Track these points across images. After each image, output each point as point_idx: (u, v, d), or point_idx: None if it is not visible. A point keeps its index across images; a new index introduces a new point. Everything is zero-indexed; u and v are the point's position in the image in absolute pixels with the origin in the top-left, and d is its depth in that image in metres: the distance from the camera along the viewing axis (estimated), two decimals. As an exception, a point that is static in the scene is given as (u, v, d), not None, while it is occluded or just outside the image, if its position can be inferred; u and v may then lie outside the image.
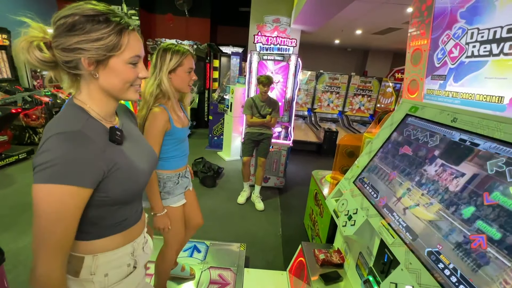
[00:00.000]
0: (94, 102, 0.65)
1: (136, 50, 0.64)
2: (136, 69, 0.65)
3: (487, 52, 0.89)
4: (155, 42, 5.84)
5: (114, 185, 0.64)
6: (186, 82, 1.20)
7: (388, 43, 6.83)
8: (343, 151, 2.10)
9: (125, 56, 0.62)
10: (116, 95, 0.66)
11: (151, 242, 0.97)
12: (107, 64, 0.61)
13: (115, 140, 0.66)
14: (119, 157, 0.66)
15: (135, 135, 0.79)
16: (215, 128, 4.92)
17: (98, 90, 0.64)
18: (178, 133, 1.23)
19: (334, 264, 1.50)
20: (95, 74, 0.62)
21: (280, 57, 3.51)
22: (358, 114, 6.61)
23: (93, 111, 0.65)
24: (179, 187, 1.33)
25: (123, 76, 0.63)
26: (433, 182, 0.96)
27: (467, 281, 0.69)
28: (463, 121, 0.98)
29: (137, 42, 0.64)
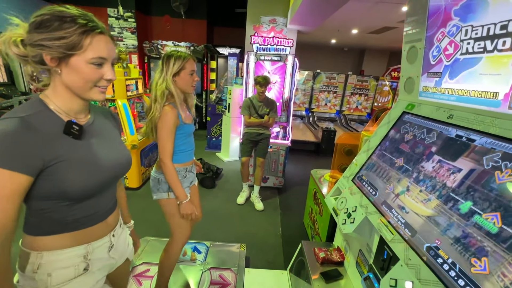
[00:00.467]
0: (57, 96, 0.68)
1: (100, 52, 0.66)
2: (99, 70, 0.68)
3: (481, 48, 0.90)
4: (151, 44, 5.84)
5: (61, 178, 0.65)
6: (189, 83, 1.32)
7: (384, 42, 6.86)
8: (341, 149, 2.11)
9: (87, 56, 0.64)
10: (78, 93, 0.69)
11: (130, 247, 0.97)
12: (68, 61, 0.64)
13: (69, 133, 0.67)
14: (70, 150, 0.67)
15: (108, 135, 0.81)
16: (213, 129, 4.92)
17: (61, 85, 0.67)
18: (186, 128, 1.35)
19: (334, 262, 1.51)
20: (57, 71, 0.65)
21: (277, 57, 3.52)
22: (355, 113, 6.64)
23: (54, 104, 0.68)
24: (186, 180, 1.42)
25: (83, 75, 0.66)
26: (431, 178, 0.97)
27: (466, 275, 0.69)
28: (459, 118, 0.99)
29: (103, 44, 0.67)
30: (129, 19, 5.70)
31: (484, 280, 0.65)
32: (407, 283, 0.82)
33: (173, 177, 1.29)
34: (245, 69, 3.56)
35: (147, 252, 1.91)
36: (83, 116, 0.75)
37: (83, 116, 0.75)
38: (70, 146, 0.67)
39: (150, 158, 3.43)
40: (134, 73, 3.23)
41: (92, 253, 0.77)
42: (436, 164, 0.98)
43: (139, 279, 1.69)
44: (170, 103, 1.28)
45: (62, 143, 0.66)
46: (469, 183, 0.82)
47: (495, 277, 0.64)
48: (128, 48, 5.81)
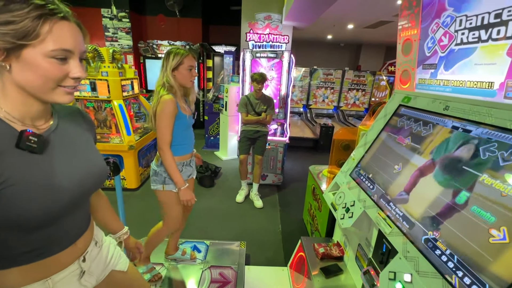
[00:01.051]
0: (7, 100, 0.54)
1: (63, 43, 0.52)
2: (64, 66, 0.54)
3: (475, 38, 0.89)
4: (146, 44, 5.80)
5: (10, 206, 0.50)
6: (188, 78, 1.37)
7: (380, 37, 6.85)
8: (339, 144, 2.11)
9: (46, 48, 0.50)
10: (36, 94, 0.54)
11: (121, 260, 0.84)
12: (20, 54, 0.50)
13: (25, 146, 0.53)
14: (23, 170, 0.53)
15: (76, 144, 0.66)
16: (211, 128, 4.90)
17: (12, 86, 0.53)
18: (184, 119, 1.38)
19: (334, 257, 1.51)
20: (6, 66, 0.50)
21: (273, 54, 3.50)
22: (353, 108, 6.64)
23: (3, 110, 0.53)
24: (183, 174, 1.44)
25: (42, 72, 0.52)
26: (428, 170, 0.96)
27: (464, 266, 0.69)
28: (455, 109, 0.98)
29: (67, 33, 0.53)
30: (123, 19, 5.64)
31: (483, 271, 0.65)
32: (406, 276, 0.82)
33: (171, 164, 1.33)
34: (241, 67, 3.54)
35: (147, 253, 1.91)
36: (42, 122, 0.60)
37: (42, 122, 0.60)
38: (23, 164, 0.53)
39: (148, 158, 3.41)
40: (129, 73, 3.20)
41: (59, 286, 0.63)
42: (432, 155, 0.98)
43: (139, 279, 1.68)
44: (169, 93, 1.32)
45: (12, 161, 0.51)
46: (466, 174, 0.82)
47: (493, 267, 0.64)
48: (123, 48, 5.76)
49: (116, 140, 3.01)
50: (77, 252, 0.68)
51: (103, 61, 2.87)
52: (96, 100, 3.02)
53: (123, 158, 2.96)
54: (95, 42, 5.48)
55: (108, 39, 5.75)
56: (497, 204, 0.70)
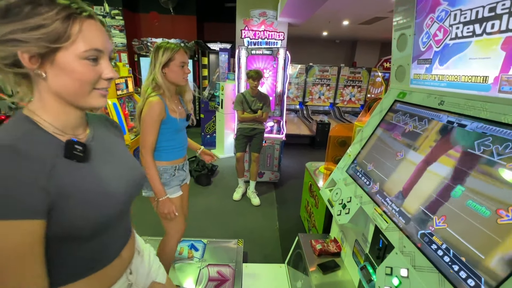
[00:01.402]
0: (46, 110, 0.52)
1: (94, 43, 0.51)
2: (96, 67, 0.52)
3: (470, 32, 0.89)
4: (141, 42, 5.73)
5: (68, 214, 0.50)
6: (180, 75, 1.25)
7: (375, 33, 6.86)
8: (335, 141, 2.11)
9: (78, 49, 0.49)
10: (73, 100, 0.53)
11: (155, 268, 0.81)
12: (54, 59, 0.48)
13: (73, 156, 0.52)
14: (78, 178, 0.52)
15: (115, 151, 0.66)
16: (207, 126, 4.88)
17: (50, 94, 0.51)
18: (173, 123, 1.28)
19: (331, 253, 1.51)
20: (41, 74, 0.48)
21: (268, 51, 3.48)
22: (349, 105, 6.66)
23: (45, 121, 0.52)
24: (175, 179, 1.36)
25: (77, 75, 0.50)
26: (423, 165, 0.96)
27: (460, 260, 0.69)
28: (450, 104, 0.98)
29: (95, 32, 0.51)
30: (117, 16, 5.56)
31: (478, 265, 0.66)
32: (403, 270, 0.82)
33: (152, 171, 1.23)
34: (237, 64, 3.52)
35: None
36: (81, 131, 0.59)
37: (81, 131, 0.59)
38: (75, 173, 0.52)
39: (143, 157, 3.39)
40: (123, 72, 3.16)
41: None
42: (427, 151, 0.98)
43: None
44: (157, 94, 1.22)
45: (64, 171, 0.50)
46: (461, 168, 0.82)
47: (488, 261, 0.64)
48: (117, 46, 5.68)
49: (111, 140, 2.97)
50: (124, 263, 0.66)
51: (96, 59, 2.82)
52: (90, 99, 2.98)
53: (119, 158, 2.93)
54: (88, 40, 5.39)
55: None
56: (492, 198, 0.70)
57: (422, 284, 0.74)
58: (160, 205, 1.27)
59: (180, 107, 1.34)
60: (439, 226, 0.79)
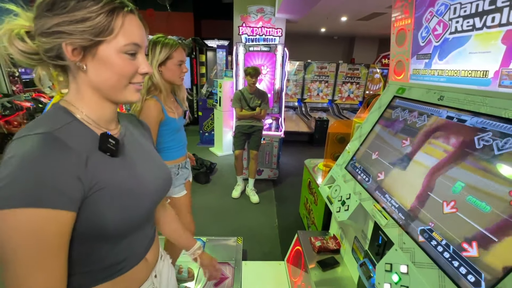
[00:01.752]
0: (83, 102, 0.53)
1: (134, 37, 0.51)
2: (134, 61, 0.53)
3: (470, 26, 0.88)
4: (137, 39, 5.67)
5: (101, 209, 0.48)
6: (177, 74, 1.21)
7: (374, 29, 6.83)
8: (334, 138, 2.10)
9: (119, 43, 0.50)
10: (110, 94, 0.53)
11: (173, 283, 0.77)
12: (96, 52, 0.49)
13: (107, 149, 0.52)
14: (109, 172, 0.51)
15: (144, 150, 0.65)
16: (205, 124, 4.86)
17: (88, 87, 0.52)
18: (172, 123, 1.25)
19: (330, 250, 1.51)
20: (82, 67, 0.49)
21: (266, 47, 3.46)
22: (347, 102, 6.65)
23: (82, 113, 0.52)
24: (180, 177, 1.35)
25: (116, 69, 0.51)
26: (423, 161, 0.96)
27: (460, 255, 0.69)
28: (449, 99, 0.98)
29: (136, 27, 0.52)
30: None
31: (476, 261, 0.65)
32: (402, 267, 0.81)
33: None
34: (235, 61, 3.49)
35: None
36: (114, 127, 0.59)
37: (114, 127, 0.59)
38: (109, 167, 0.52)
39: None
40: (120, 70, 3.13)
41: None
42: (427, 146, 0.97)
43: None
44: (153, 96, 1.18)
45: (99, 164, 0.50)
46: (461, 164, 0.82)
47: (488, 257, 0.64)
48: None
49: (108, 138, 2.96)
50: (149, 266, 0.65)
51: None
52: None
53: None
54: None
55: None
56: (492, 194, 0.70)
57: (422, 280, 0.74)
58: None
59: (176, 106, 1.31)
60: (439, 221, 0.78)
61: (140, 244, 0.61)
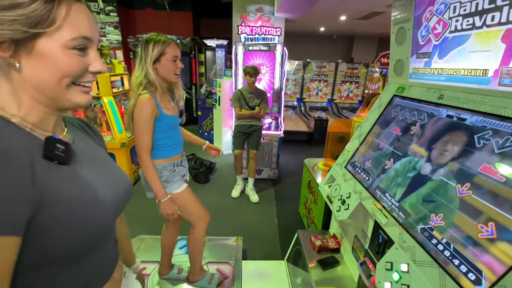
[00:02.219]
0: (19, 105, 0.43)
1: (83, 30, 0.43)
2: (84, 58, 0.45)
3: (470, 25, 0.88)
4: (136, 39, 5.65)
5: (49, 230, 0.41)
6: (172, 70, 1.20)
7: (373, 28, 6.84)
8: (334, 137, 2.10)
9: (64, 37, 0.41)
10: (50, 96, 0.44)
11: None
12: (32, 47, 0.40)
13: (54, 156, 0.44)
14: (58, 184, 0.43)
15: (98, 157, 0.58)
16: (204, 124, 4.85)
17: (24, 90, 0.43)
18: (167, 120, 1.24)
19: (330, 250, 1.51)
20: (14, 64, 0.41)
21: (265, 47, 3.45)
22: (347, 101, 6.65)
23: (17, 116, 0.43)
24: (176, 175, 1.34)
25: (59, 67, 0.42)
26: (423, 160, 0.96)
27: (460, 254, 0.69)
28: (449, 98, 0.98)
29: (84, 18, 0.44)
30: (111, 13, 5.48)
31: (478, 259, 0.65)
32: (403, 265, 0.82)
33: (150, 172, 1.21)
34: (234, 60, 3.49)
35: (142, 250, 1.88)
36: (59, 132, 0.51)
37: (59, 132, 0.51)
38: (57, 178, 0.44)
39: (141, 156, 3.36)
40: (119, 69, 3.13)
41: None
42: (427, 145, 0.97)
43: (136, 278, 1.66)
44: (148, 92, 1.16)
45: (46, 175, 0.42)
46: (461, 163, 0.82)
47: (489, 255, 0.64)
48: (111, 43, 5.61)
49: (108, 138, 2.95)
50: (117, 285, 0.60)
51: (90, 56, 2.78)
52: (85, 97, 2.94)
53: (115, 156, 2.91)
54: (82, 37, 5.33)
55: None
56: (493, 192, 0.70)
57: (422, 278, 0.74)
58: (162, 206, 1.25)
59: (172, 104, 1.30)
60: (439, 220, 0.78)
61: (104, 263, 0.55)
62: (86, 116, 3.12)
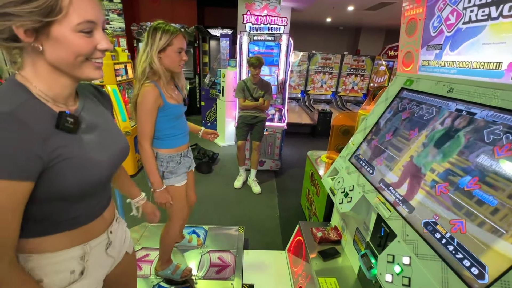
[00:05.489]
0: (41, 79, 0.54)
1: (87, 14, 0.51)
2: (91, 38, 0.54)
3: (485, 16, 0.85)
4: (140, 26, 5.58)
5: (60, 179, 0.54)
6: (177, 62, 1.19)
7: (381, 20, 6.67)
8: (338, 130, 2.09)
9: (72, 22, 0.50)
10: (68, 72, 0.55)
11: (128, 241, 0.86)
12: (49, 33, 0.49)
13: (64, 128, 0.55)
14: (68, 147, 0.56)
15: (102, 119, 0.70)
16: (207, 114, 4.84)
17: (45, 66, 0.53)
18: (172, 109, 1.23)
19: (331, 241, 1.53)
20: (38, 47, 0.50)
21: (270, 37, 3.39)
22: (351, 94, 6.57)
23: (39, 90, 0.54)
24: (182, 166, 1.34)
25: (73, 48, 0.52)
26: (429, 155, 0.95)
27: (464, 248, 0.69)
28: (459, 91, 0.96)
29: (87, 4, 0.52)
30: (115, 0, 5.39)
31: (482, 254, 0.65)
32: (405, 258, 0.82)
33: (149, 161, 1.21)
34: (238, 50, 3.44)
35: (146, 238, 1.91)
36: (72, 102, 0.62)
37: (72, 102, 0.62)
38: (65, 143, 0.55)
39: (144, 145, 3.37)
40: (122, 57, 3.10)
41: (90, 253, 0.67)
42: (434, 140, 0.96)
43: (139, 264, 1.70)
44: (151, 81, 1.16)
45: (57, 140, 0.54)
46: (469, 158, 0.81)
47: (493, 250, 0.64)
48: (115, 31, 5.55)
49: (111, 127, 2.95)
50: (106, 222, 0.74)
51: (94, 44, 2.76)
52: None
53: (119, 145, 2.92)
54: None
55: None
56: (500, 188, 0.69)
57: (424, 271, 0.75)
58: (157, 195, 1.26)
59: (177, 93, 1.29)
60: (443, 215, 0.78)
61: (96, 205, 0.69)
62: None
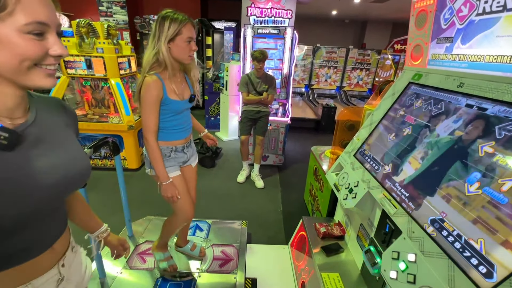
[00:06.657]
0: None
1: (37, 15, 0.44)
2: (42, 42, 0.46)
3: (500, 7, 0.82)
4: (143, 19, 5.54)
5: None
6: (186, 52, 1.15)
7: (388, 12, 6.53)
8: (343, 125, 2.06)
9: (18, 22, 0.43)
10: (12, 78, 0.46)
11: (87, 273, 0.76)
12: None
13: None
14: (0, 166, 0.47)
15: (56, 137, 0.59)
16: (211, 108, 4.82)
17: None
18: (172, 104, 1.20)
19: (335, 237, 1.52)
20: None
21: (275, 30, 3.34)
22: (356, 89, 6.50)
23: None
24: (171, 160, 1.31)
25: (17, 51, 0.44)
26: (438, 151, 0.93)
27: (472, 246, 0.68)
28: (470, 86, 0.93)
29: (39, 3, 0.45)
30: (117, -8, 5.35)
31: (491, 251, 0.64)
32: (410, 255, 0.81)
33: (153, 154, 1.20)
34: (242, 44, 3.40)
35: (150, 231, 1.93)
36: (20, 114, 0.53)
37: (20, 114, 0.53)
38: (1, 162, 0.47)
39: (148, 139, 3.38)
40: (126, 50, 3.08)
41: None
42: (443, 136, 0.94)
43: (143, 256, 1.72)
44: (155, 73, 1.13)
45: None
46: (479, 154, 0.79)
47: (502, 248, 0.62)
48: (118, 24, 5.52)
49: (115, 120, 2.96)
50: (56, 256, 0.63)
51: (97, 36, 2.74)
52: (93, 78, 2.93)
53: (123, 138, 2.93)
54: (88, 16, 5.24)
55: (102, 14, 5.49)
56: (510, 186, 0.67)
57: (430, 269, 0.74)
58: (164, 189, 1.25)
59: (184, 86, 1.26)
60: (451, 212, 0.77)
61: (43, 235, 0.59)
62: (94, 97, 3.13)
